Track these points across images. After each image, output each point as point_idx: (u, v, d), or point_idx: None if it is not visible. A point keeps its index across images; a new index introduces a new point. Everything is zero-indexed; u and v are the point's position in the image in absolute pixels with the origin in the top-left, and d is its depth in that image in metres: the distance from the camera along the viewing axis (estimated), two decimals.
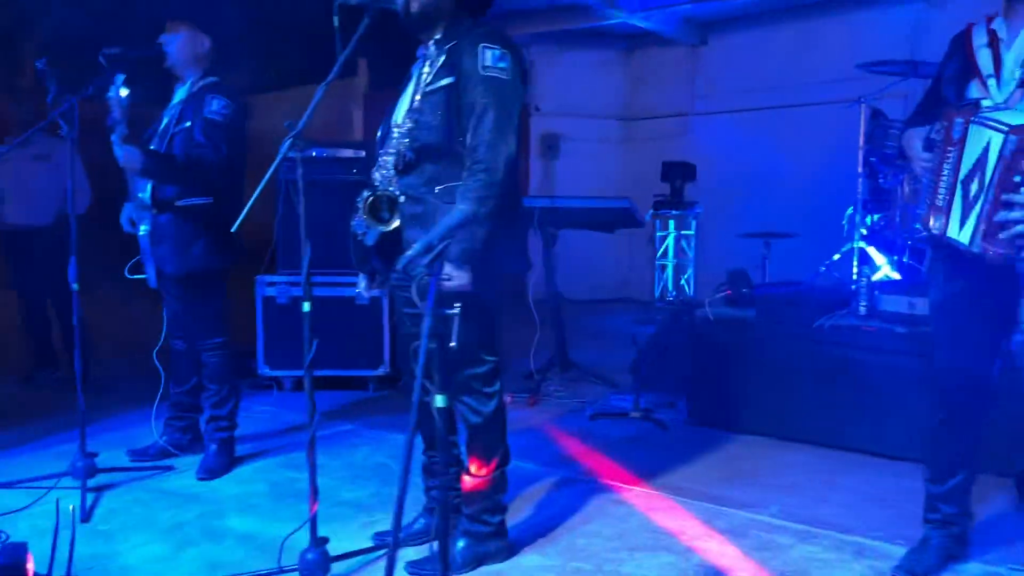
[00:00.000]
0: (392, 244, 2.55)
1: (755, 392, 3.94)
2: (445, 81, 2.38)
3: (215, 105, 3.35)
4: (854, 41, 7.65)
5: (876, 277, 4.29)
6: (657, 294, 7.83)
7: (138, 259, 3.53)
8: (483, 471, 2.63)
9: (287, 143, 2.34)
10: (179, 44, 3.41)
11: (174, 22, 3.40)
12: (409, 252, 1.95)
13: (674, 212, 7.34)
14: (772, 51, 8.19)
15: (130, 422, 4.19)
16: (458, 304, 1.93)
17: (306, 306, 2.51)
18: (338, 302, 4.89)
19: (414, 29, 2.51)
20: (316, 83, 2.38)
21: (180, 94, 3.47)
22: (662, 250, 7.87)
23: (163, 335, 3.57)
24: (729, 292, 4.15)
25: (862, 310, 3.78)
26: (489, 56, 2.38)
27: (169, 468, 3.55)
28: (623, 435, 4.09)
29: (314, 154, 4.85)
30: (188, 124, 3.34)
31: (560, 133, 9.16)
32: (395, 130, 2.50)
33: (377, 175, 2.50)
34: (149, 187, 3.35)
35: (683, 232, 7.73)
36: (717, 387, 4.07)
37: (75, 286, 3.20)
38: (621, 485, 3.37)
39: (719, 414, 4.07)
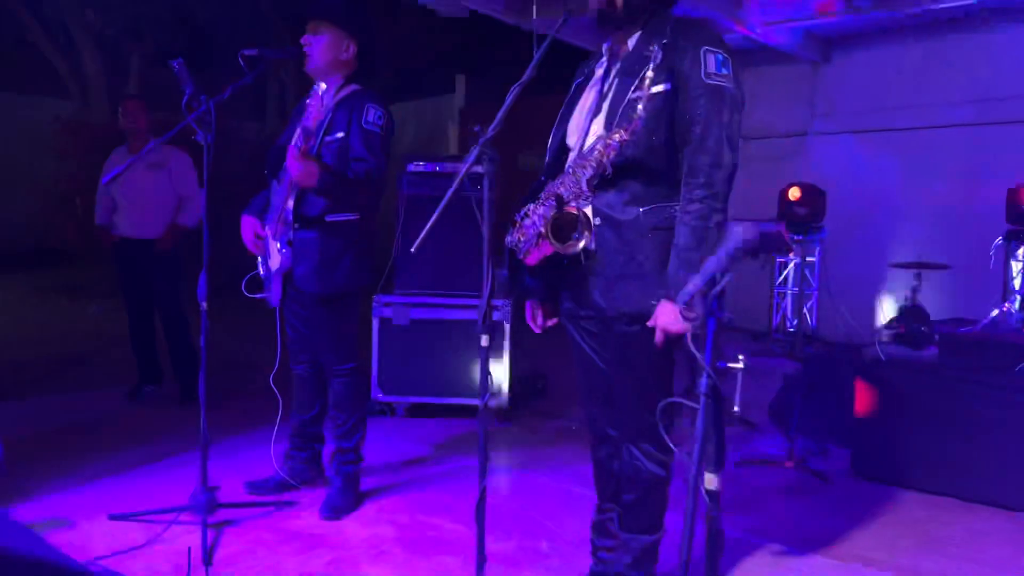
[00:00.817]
0: (557, 268, 2.22)
1: (936, 445, 3.47)
2: (660, 87, 2.04)
3: (372, 115, 3.09)
4: (985, 60, 7.10)
5: None
6: (776, 324, 7.33)
7: (253, 275, 3.29)
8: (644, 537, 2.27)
9: (474, 152, 2.02)
10: (323, 47, 3.15)
11: (318, 22, 3.13)
12: (689, 287, 1.77)
13: (797, 237, 6.84)
14: (900, 69, 7.66)
15: (242, 448, 3.95)
16: None
17: (484, 339, 2.15)
18: (453, 325, 4.59)
19: (614, 24, 2.19)
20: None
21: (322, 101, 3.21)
22: (782, 277, 7.37)
23: (278, 358, 3.29)
24: (903, 329, 3.69)
25: None
26: (712, 62, 2.05)
27: (291, 503, 3.26)
28: (778, 486, 3.66)
29: (438, 168, 4.58)
30: (341, 135, 3.07)
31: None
32: (589, 140, 2.17)
33: (563, 191, 2.16)
34: (291, 201, 3.09)
35: (806, 259, 7.21)
36: (889, 436, 3.62)
37: (204, 304, 2.94)
38: (798, 552, 2.95)
39: (890, 467, 3.61)
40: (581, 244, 2.10)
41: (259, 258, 3.33)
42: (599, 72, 2.27)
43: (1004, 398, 3.29)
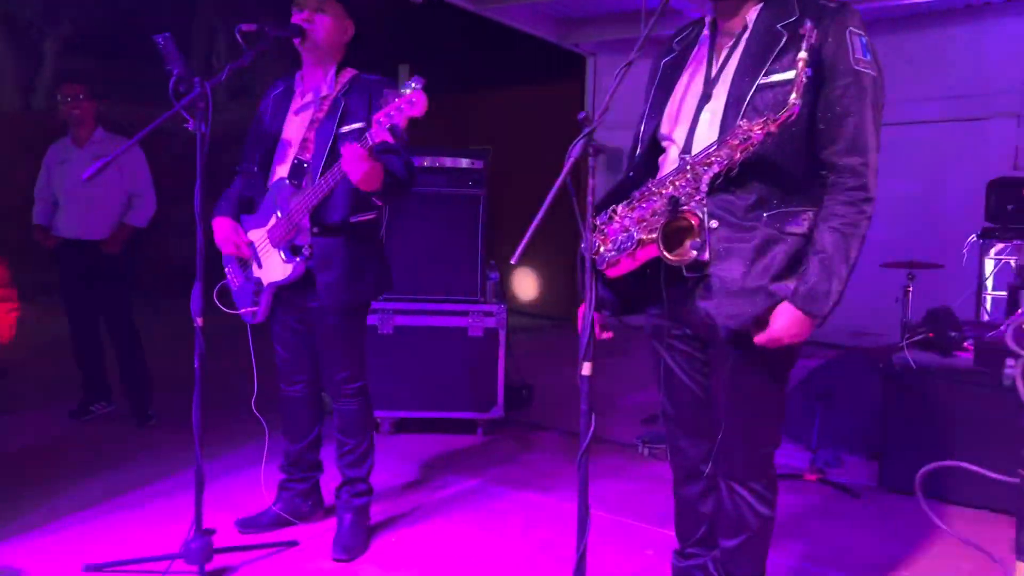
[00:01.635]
0: (639, 279, 1.94)
1: (973, 456, 3.31)
2: (799, 104, 1.70)
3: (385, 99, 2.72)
4: (950, 57, 7.13)
5: None
6: None
7: (223, 285, 2.89)
8: None
9: (580, 143, 1.69)
10: (328, 26, 2.76)
11: None
12: (832, 298, 1.77)
13: None
14: (887, 63, 7.61)
15: (227, 481, 3.50)
16: None
17: (585, 369, 1.82)
18: (446, 334, 4.24)
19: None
20: None
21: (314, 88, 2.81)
22: None
23: (256, 382, 2.87)
24: (932, 335, 3.53)
25: None
26: (859, 45, 1.79)
27: (293, 543, 2.87)
28: (808, 504, 3.45)
29: (426, 163, 4.21)
30: (360, 125, 2.68)
31: (624, 148, 8.55)
32: (701, 130, 1.87)
33: (676, 191, 1.83)
34: (311, 203, 2.69)
35: None
36: (920, 447, 3.45)
37: (199, 320, 2.52)
38: None
39: (925, 480, 3.43)
40: (694, 254, 1.81)
41: (229, 268, 2.92)
42: (701, 51, 1.97)
43: None
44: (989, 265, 6.22)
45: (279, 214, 2.72)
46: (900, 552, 2.98)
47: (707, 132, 1.86)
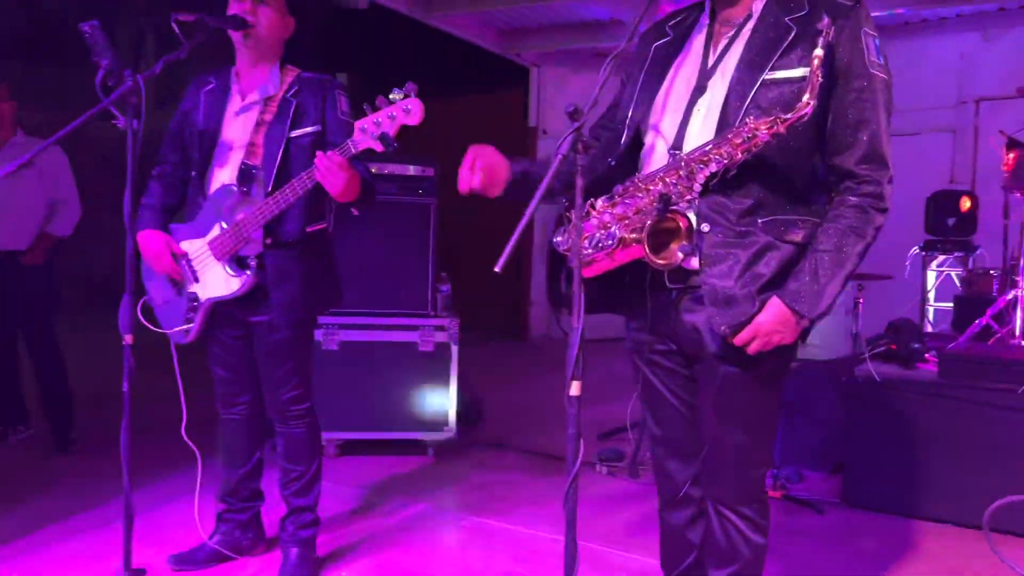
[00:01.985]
0: (616, 285, 1.80)
1: (941, 471, 3.27)
2: (813, 104, 1.57)
3: (344, 105, 2.59)
4: (911, 71, 7.23)
5: None
6: None
7: (146, 302, 2.64)
8: None
9: (567, 139, 1.53)
10: (271, 19, 2.56)
11: None
12: (827, 300, 1.64)
13: None
14: None
15: (157, 512, 3.22)
16: None
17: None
18: (395, 349, 4.03)
19: None
20: None
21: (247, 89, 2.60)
22: None
23: (184, 407, 2.63)
24: (894, 347, 3.48)
25: None
26: (873, 47, 1.67)
27: None
28: (771, 521, 3.34)
29: (373, 170, 3.99)
30: (314, 128, 2.51)
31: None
32: (694, 124, 1.72)
33: (666, 188, 1.68)
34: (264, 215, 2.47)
35: None
36: (885, 462, 3.39)
37: (128, 338, 2.28)
38: None
39: (887, 495, 3.38)
40: (680, 257, 1.66)
41: (152, 283, 2.66)
42: (697, 38, 1.83)
43: (1015, 419, 3.12)
44: (931, 277, 6.30)
45: (224, 224, 2.49)
46: (877, 571, 2.89)
47: (700, 127, 1.72)
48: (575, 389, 1.56)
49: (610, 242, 1.72)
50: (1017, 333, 3.72)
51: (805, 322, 1.66)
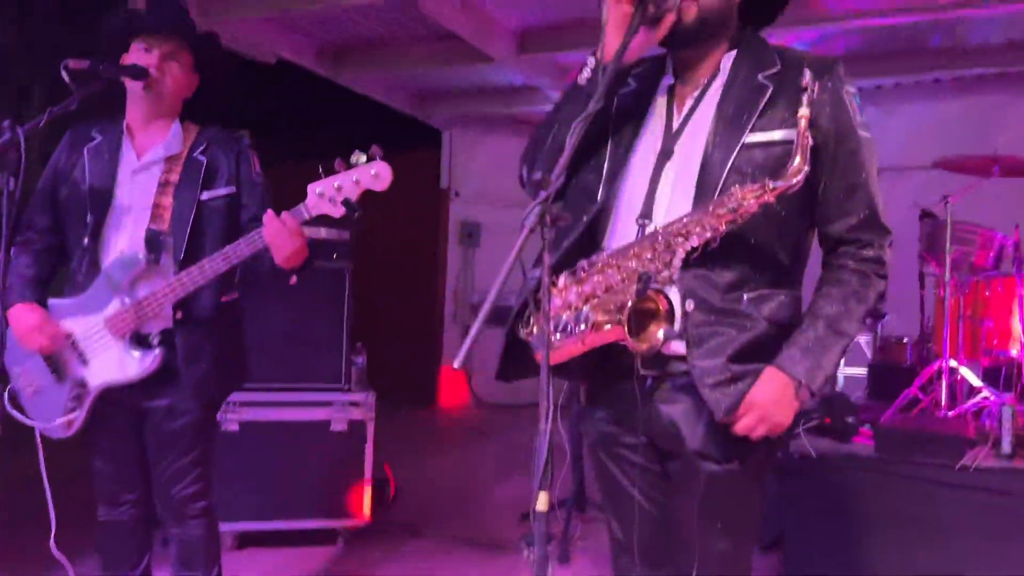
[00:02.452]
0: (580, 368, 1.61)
1: (882, 548, 3.16)
2: (794, 134, 1.46)
3: (257, 166, 2.37)
4: (879, 135, 7.35)
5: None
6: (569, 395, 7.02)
7: (11, 390, 2.28)
8: None
9: (535, 209, 1.33)
10: (178, 76, 2.31)
11: (171, 41, 2.27)
12: (829, 369, 1.52)
13: None
14: None
15: None
16: None
17: None
18: (304, 429, 3.70)
19: (682, 43, 1.62)
20: None
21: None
22: None
23: (53, 514, 2.27)
24: (828, 421, 3.39)
25: (1007, 447, 3.13)
26: (857, 106, 1.56)
27: None
28: None
29: None
30: (227, 191, 2.29)
31: (480, 221, 8.37)
32: (663, 193, 1.57)
33: (634, 263, 1.51)
34: (169, 295, 2.18)
35: None
36: (826, 540, 3.26)
37: None
38: None
39: (829, 572, 3.25)
40: (660, 339, 1.48)
41: (21, 367, 2.28)
42: (659, 99, 1.68)
43: (951, 496, 3.05)
44: None
45: (126, 299, 2.18)
46: None
47: (672, 195, 1.57)
48: (542, 502, 1.33)
49: (582, 325, 1.53)
50: (943, 404, 3.70)
51: (805, 393, 1.51)
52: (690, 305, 1.50)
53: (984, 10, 5.07)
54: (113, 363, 2.19)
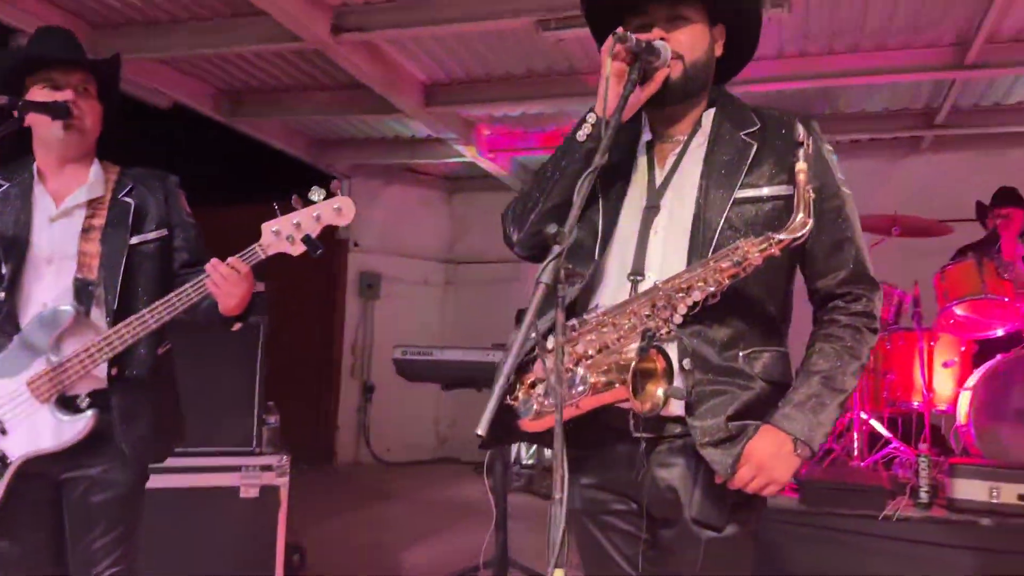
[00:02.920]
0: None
1: None
2: (783, 190, 1.50)
3: (187, 204, 2.22)
4: None
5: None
6: (513, 457, 6.97)
7: None
8: None
9: (551, 263, 1.26)
10: (95, 112, 2.14)
11: (87, 79, 2.10)
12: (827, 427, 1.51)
13: None
14: None
15: None
16: None
17: None
18: (211, 496, 3.43)
19: (670, 100, 1.61)
20: None
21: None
22: None
23: None
24: None
25: (924, 497, 3.25)
26: (836, 163, 1.60)
27: None
28: None
29: None
30: (159, 233, 2.12)
31: (380, 272, 8.21)
32: (653, 246, 1.54)
33: (632, 319, 1.47)
34: (104, 349, 1.97)
35: None
36: None
37: None
38: None
39: None
40: (660, 398, 1.43)
41: None
42: (640, 158, 1.66)
43: (876, 546, 3.13)
44: None
45: (51, 357, 1.96)
46: None
47: (662, 251, 1.56)
48: None
49: (581, 387, 1.46)
50: (855, 454, 3.82)
51: (805, 450, 1.49)
52: (688, 363, 1.47)
53: (865, 79, 5.43)
54: (39, 431, 1.96)
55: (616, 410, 1.50)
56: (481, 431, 1.18)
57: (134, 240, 2.08)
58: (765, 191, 1.53)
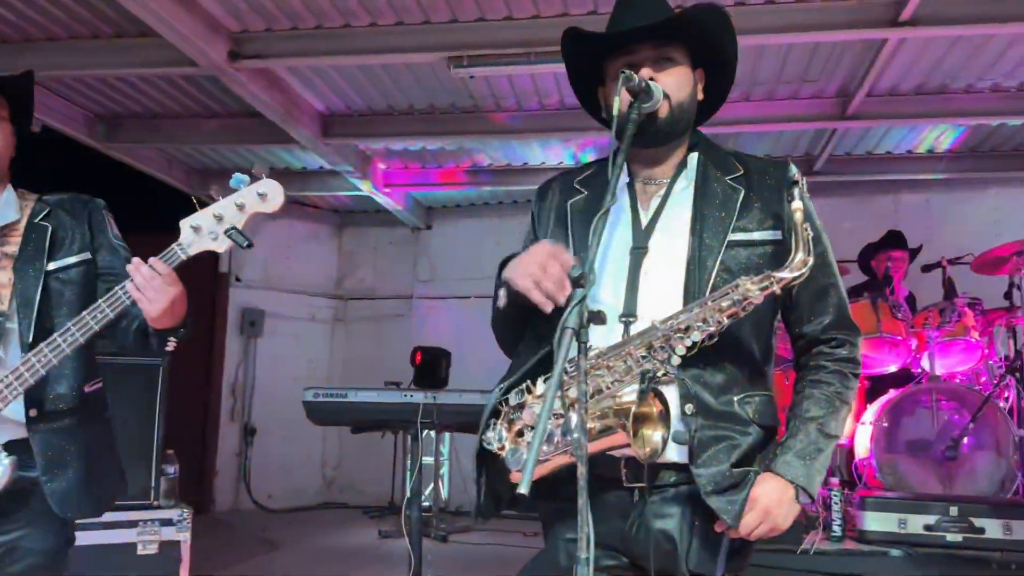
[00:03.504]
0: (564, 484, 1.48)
1: None
2: (772, 235, 1.52)
3: (115, 227, 2.03)
4: None
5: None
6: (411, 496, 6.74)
7: None
8: None
9: (575, 307, 1.20)
10: (7, 135, 1.94)
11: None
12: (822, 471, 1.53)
13: None
14: (499, 241, 7.93)
15: None
16: None
17: None
18: (106, 554, 3.13)
19: (655, 140, 1.59)
20: None
21: None
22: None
23: None
24: None
25: (838, 530, 3.35)
26: (813, 208, 1.58)
27: None
28: None
29: None
30: (80, 258, 1.92)
31: (264, 308, 7.86)
32: (646, 288, 1.51)
33: (627, 362, 1.43)
34: (13, 384, 1.73)
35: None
36: None
37: None
38: None
39: None
40: (658, 443, 1.39)
41: None
42: (623, 199, 1.64)
43: None
44: None
45: None
46: None
47: (658, 292, 1.52)
48: None
49: (575, 434, 1.39)
50: None
51: (805, 498, 1.49)
52: (690, 407, 1.44)
53: (756, 127, 5.70)
54: None
55: (606, 458, 1.44)
56: (524, 489, 1.09)
57: (51, 267, 1.86)
58: (756, 235, 1.53)
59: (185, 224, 1.74)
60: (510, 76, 5.03)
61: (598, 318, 1.31)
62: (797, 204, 1.44)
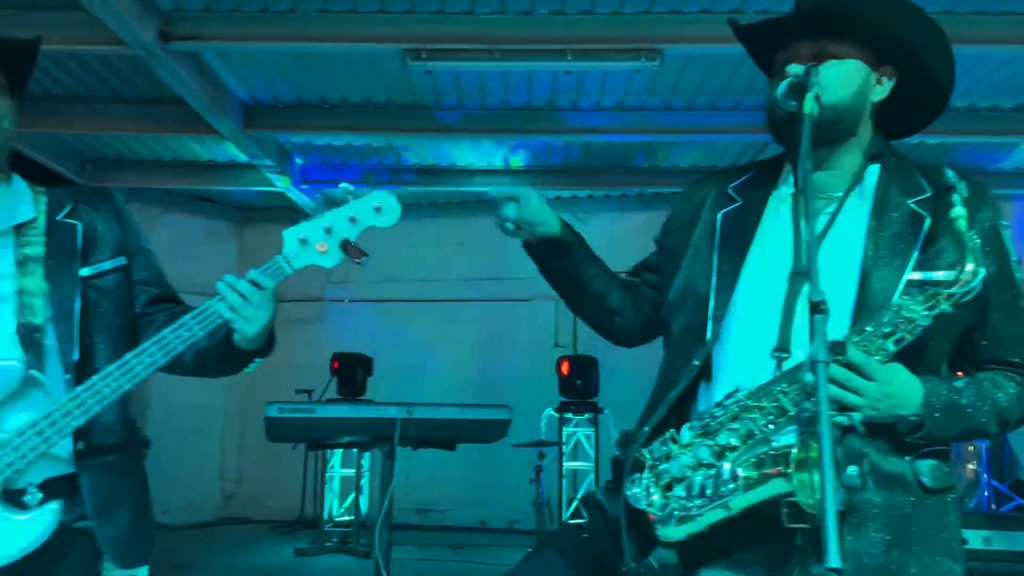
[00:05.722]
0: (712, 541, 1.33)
1: None
2: (982, 273, 1.28)
3: (143, 230, 1.73)
4: (501, 242, 7.70)
5: None
6: (326, 514, 6.44)
7: None
8: None
9: (818, 339, 1.06)
10: (12, 111, 1.61)
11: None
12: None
13: None
14: (417, 245, 7.73)
15: None
16: None
17: None
18: None
19: (793, 144, 1.42)
20: None
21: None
22: (332, 460, 6.58)
23: None
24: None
25: None
26: (1011, 238, 1.43)
27: None
28: None
29: None
30: (116, 263, 1.62)
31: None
32: (800, 319, 1.34)
33: (777, 401, 1.29)
34: (75, 413, 1.43)
35: None
36: None
37: None
38: None
39: None
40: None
41: None
42: (779, 211, 1.49)
43: None
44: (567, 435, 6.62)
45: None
46: None
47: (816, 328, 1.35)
48: None
49: (731, 485, 1.26)
50: None
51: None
52: (867, 466, 1.28)
53: (687, 135, 5.75)
54: None
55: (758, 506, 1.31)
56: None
57: (86, 272, 1.56)
58: (943, 275, 1.32)
59: (290, 235, 1.51)
60: (456, 74, 4.85)
61: (838, 348, 1.16)
62: (959, 211, 1.29)
